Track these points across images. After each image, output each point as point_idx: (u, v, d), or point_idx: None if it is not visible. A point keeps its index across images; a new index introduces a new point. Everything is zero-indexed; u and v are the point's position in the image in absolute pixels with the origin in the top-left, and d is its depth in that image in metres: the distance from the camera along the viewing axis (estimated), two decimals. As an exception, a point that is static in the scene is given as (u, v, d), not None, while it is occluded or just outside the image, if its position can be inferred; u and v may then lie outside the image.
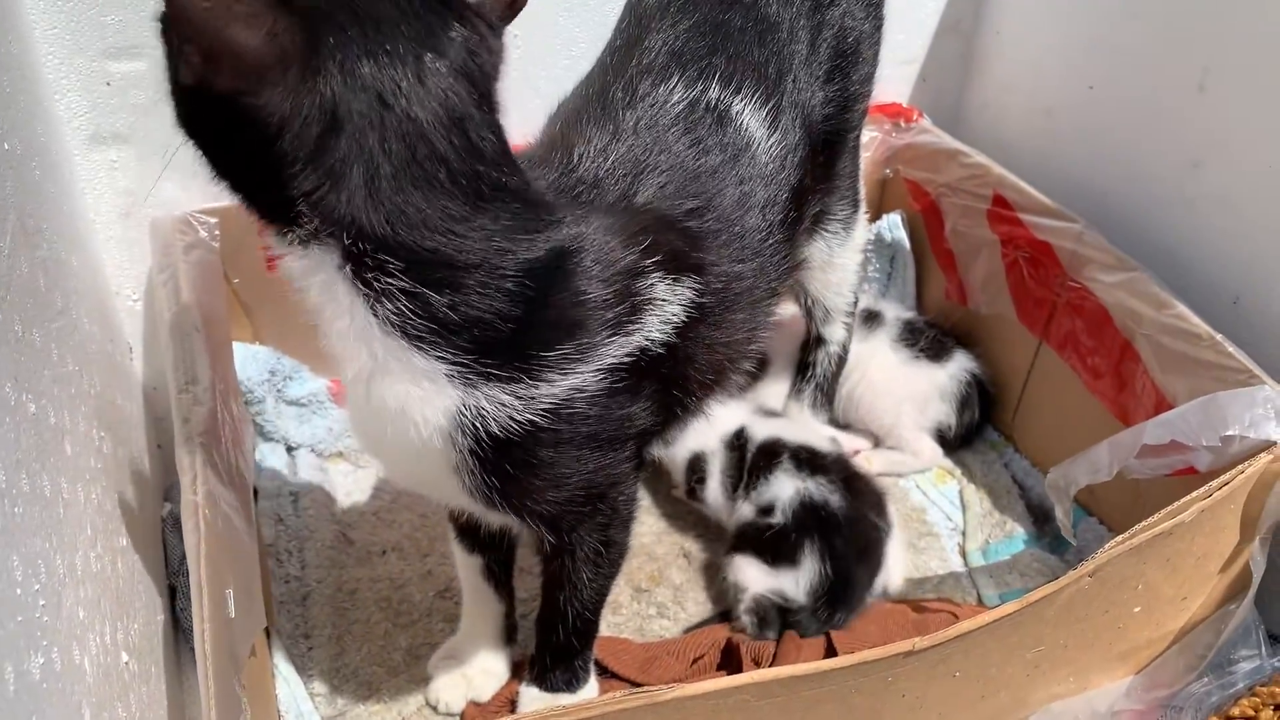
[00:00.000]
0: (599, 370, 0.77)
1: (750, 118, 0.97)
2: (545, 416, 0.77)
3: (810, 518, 1.20)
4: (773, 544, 1.20)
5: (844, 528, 1.19)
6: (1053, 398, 1.36)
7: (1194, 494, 0.95)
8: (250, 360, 1.31)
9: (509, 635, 1.16)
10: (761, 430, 1.29)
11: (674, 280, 0.82)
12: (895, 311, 1.48)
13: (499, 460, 0.79)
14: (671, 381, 0.86)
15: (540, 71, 1.35)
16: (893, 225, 1.51)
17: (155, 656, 1.09)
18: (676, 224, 0.87)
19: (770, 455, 1.25)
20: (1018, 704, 1.04)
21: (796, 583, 1.17)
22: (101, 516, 0.97)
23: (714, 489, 1.28)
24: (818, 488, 1.21)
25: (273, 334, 1.36)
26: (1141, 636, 1.07)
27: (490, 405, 0.76)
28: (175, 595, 1.23)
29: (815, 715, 0.88)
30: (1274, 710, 1.06)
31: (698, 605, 1.28)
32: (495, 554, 1.08)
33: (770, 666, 1.13)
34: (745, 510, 1.25)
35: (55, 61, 1.15)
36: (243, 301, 1.31)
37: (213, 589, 0.83)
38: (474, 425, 0.76)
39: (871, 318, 1.45)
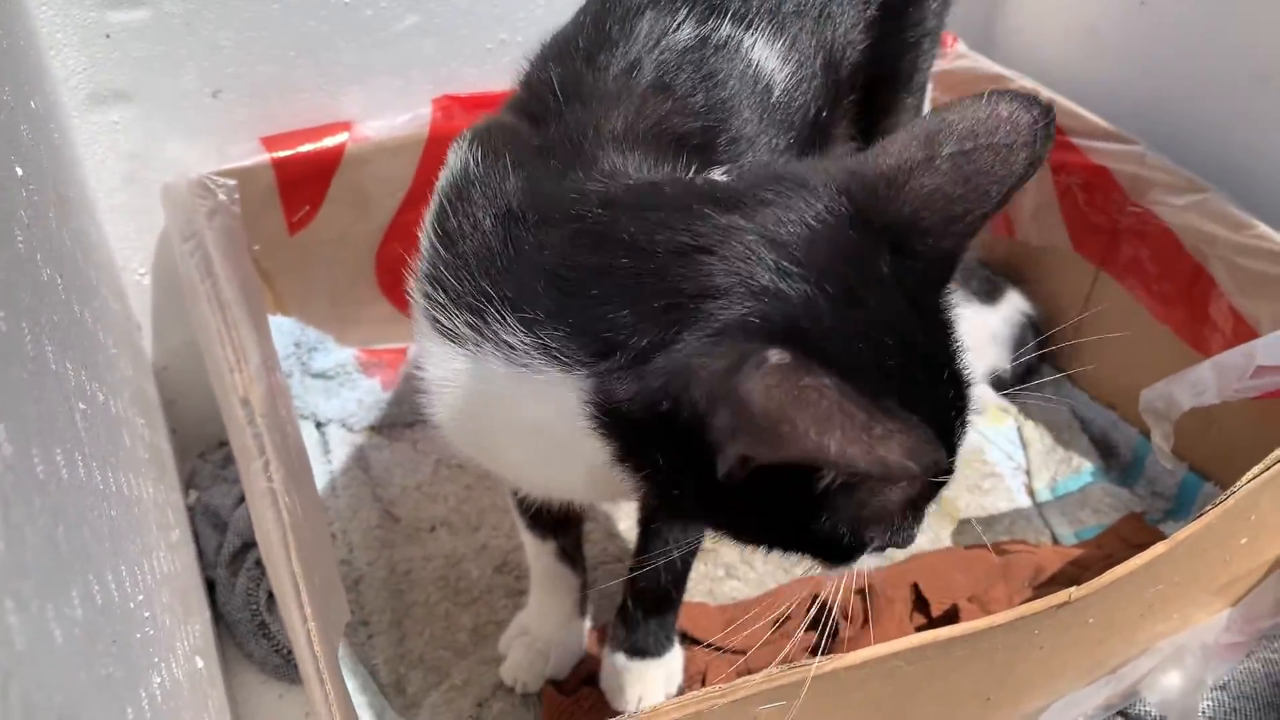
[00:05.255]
0: None
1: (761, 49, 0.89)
2: None
3: None
4: None
5: None
6: (1113, 328, 1.32)
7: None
8: (275, 332, 1.21)
9: (583, 608, 1.10)
10: None
11: None
12: (941, 248, 1.42)
13: None
14: None
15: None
16: (931, 158, 1.45)
17: (213, 656, 1.02)
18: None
19: None
20: (1127, 645, 1.01)
21: None
22: (157, 510, 0.89)
23: None
24: None
25: (294, 302, 1.26)
26: (1242, 568, 1.04)
27: None
28: (214, 589, 1.15)
29: (960, 675, 0.83)
30: (1387, 633, 1.04)
31: (766, 564, 1.23)
32: (568, 535, 1.02)
33: (864, 622, 1.09)
34: None
35: (49, 13, 1.04)
36: (263, 269, 1.21)
37: (310, 583, 0.75)
38: None
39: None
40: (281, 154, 1.16)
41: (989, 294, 1.38)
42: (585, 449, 0.66)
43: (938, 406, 0.63)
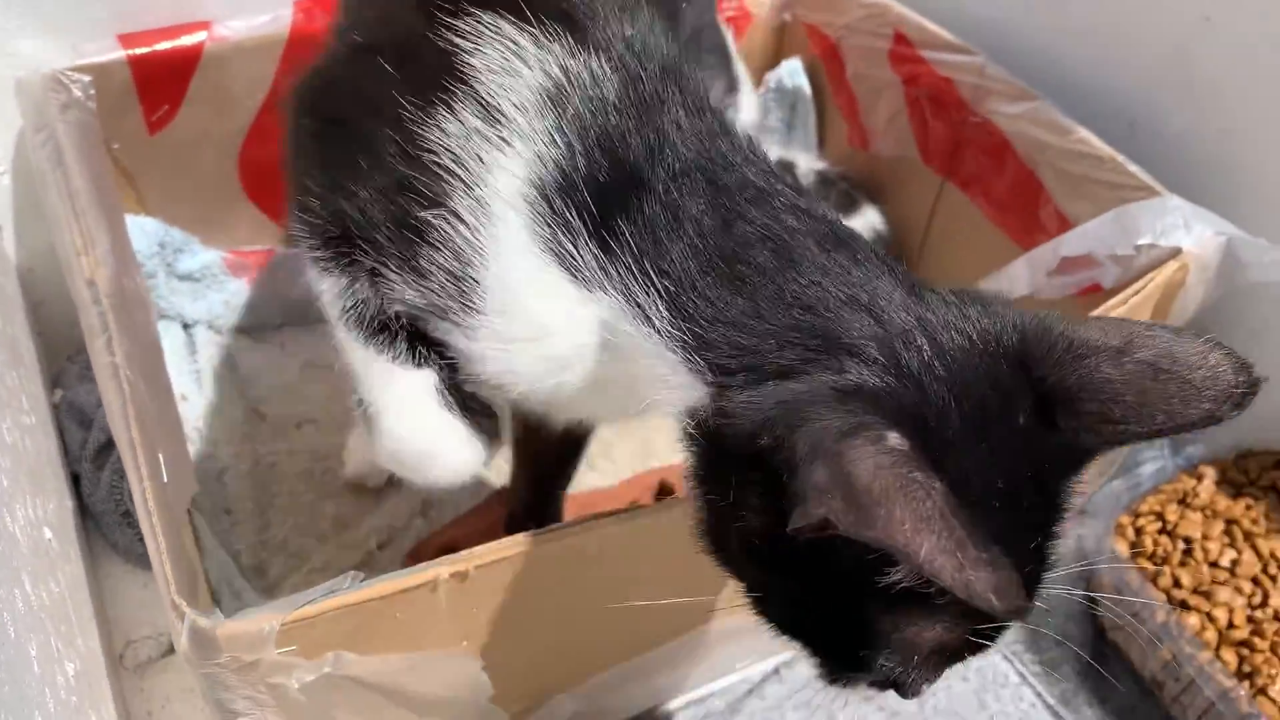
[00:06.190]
0: None
1: None
2: None
3: None
4: None
5: None
6: (957, 236, 1.39)
7: (1111, 301, 0.98)
8: (137, 232, 1.22)
9: None
10: None
11: None
12: (808, 162, 1.47)
13: None
14: None
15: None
16: (792, 72, 1.50)
17: (71, 539, 1.05)
18: None
19: None
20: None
21: None
22: (4, 390, 0.91)
23: None
24: None
25: (158, 203, 1.27)
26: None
27: None
28: (79, 483, 1.17)
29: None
30: (1178, 504, 1.13)
31: (627, 457, 1.28)
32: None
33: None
34: None
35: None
36: (124, 168, 1.22)
37: (146, 449, 0.78)
38: None
39: (785, 169, 1.43)
40: (138, 51, 1.16)
41: (845, 208, 1.44)
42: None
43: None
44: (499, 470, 1.17)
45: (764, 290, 0.62)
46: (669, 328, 0.63)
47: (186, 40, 1.18)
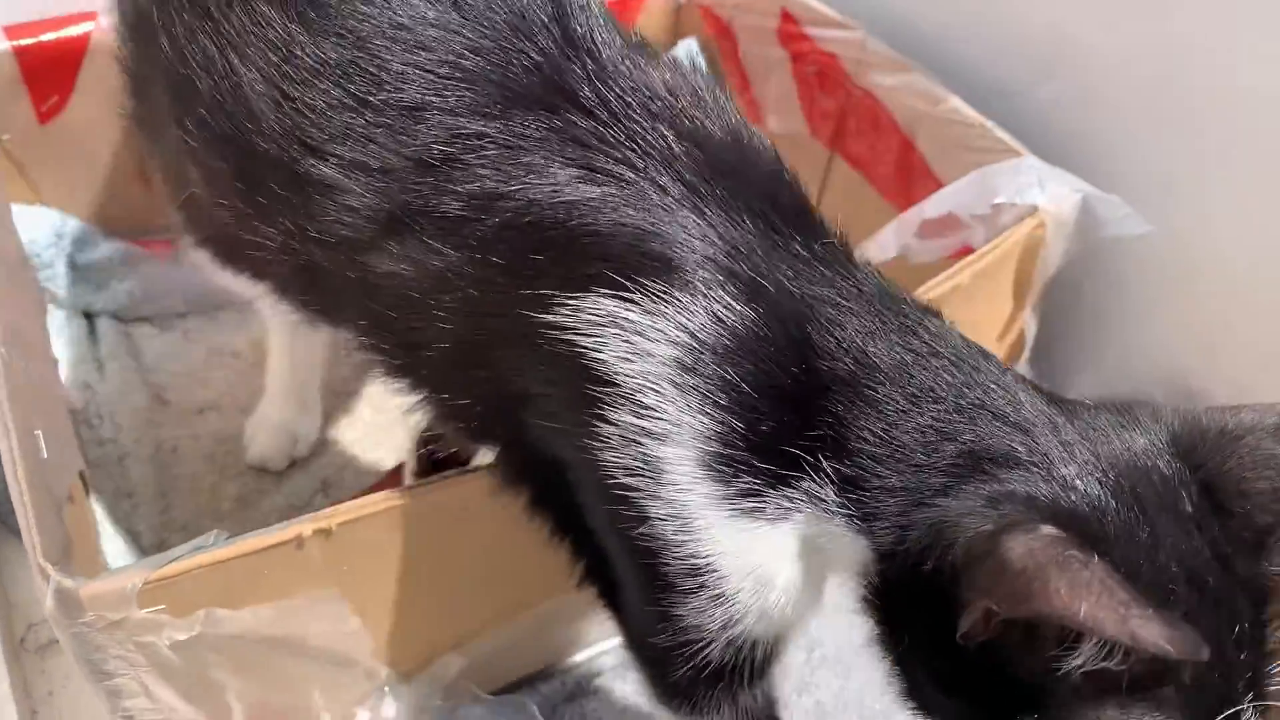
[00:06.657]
0: None
1: None
2: None
3: None
4: None
5: None
6: (846, 209, 1.41)
7: (970, 257, 1.03)
8: (33, 222, 1.24)
9: None
10: None
11: None
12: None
13: None
14: None
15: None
16: (689, 51, 1.53)
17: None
18: None
19: None
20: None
21: None
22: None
23: None
24: None
25: (54, 193, 1.28)
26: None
27: None
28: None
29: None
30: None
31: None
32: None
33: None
34: None
35: None
36: (15, 159, 1.23)
37: (19, 422, 0.80)
38: None
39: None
40: (24, 42, 1.18)
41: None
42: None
43: (1221, 654, 0.56)
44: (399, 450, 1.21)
45: (906, 426, 0.63)
46: (837, 499, 0.63)
47: (73, 30, 1.20)
